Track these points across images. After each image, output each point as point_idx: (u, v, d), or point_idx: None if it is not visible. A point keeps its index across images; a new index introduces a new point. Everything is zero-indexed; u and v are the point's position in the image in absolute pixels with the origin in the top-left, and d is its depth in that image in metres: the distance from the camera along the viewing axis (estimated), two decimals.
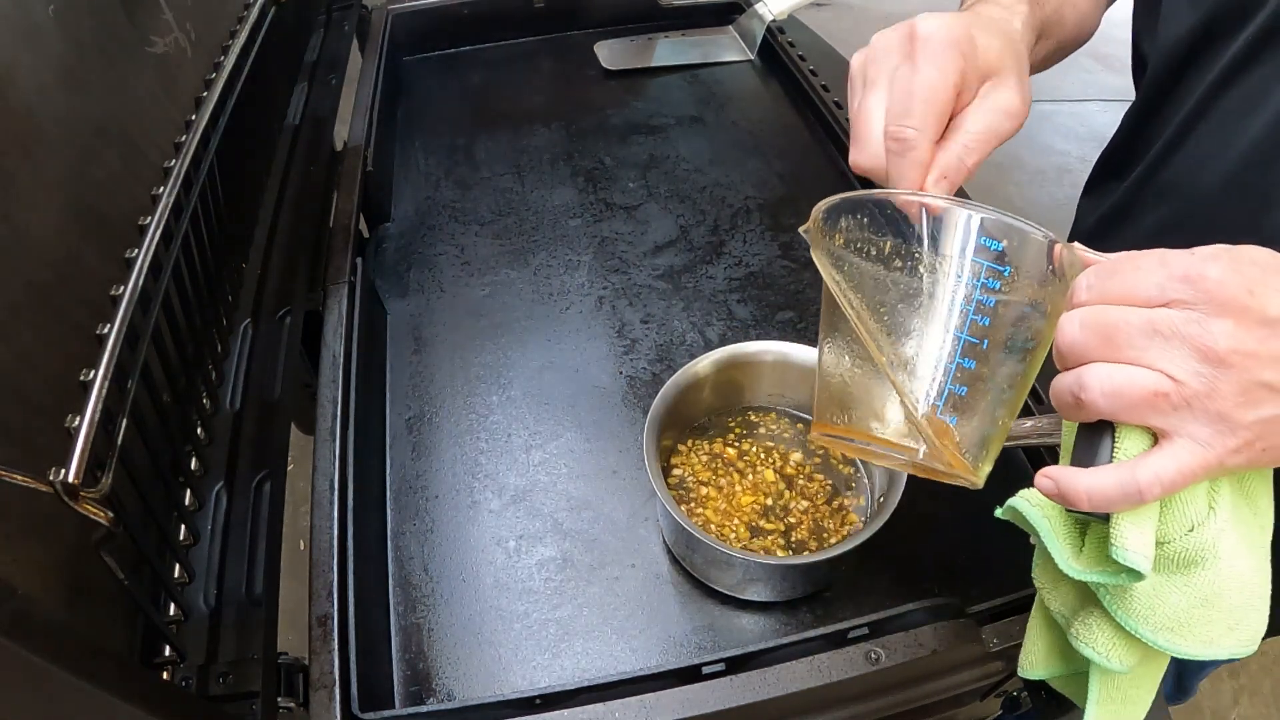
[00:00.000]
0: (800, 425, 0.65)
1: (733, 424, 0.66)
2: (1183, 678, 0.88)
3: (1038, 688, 0.58)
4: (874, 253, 0.40)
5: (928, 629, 0.49)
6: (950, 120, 0.41)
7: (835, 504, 0.61)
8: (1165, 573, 0.35)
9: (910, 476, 0.54)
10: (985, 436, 0.40)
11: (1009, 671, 0.55)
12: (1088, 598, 0.38)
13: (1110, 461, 0.33)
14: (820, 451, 0.64)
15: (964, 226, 0.38)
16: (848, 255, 0.41)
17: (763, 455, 0.64)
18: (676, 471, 0.62)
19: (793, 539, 0.59)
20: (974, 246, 0.38)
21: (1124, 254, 0.34)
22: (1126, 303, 0.32)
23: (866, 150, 0.41)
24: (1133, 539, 0.33)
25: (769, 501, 0.61)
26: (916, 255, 0.39)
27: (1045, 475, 0.35)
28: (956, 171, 0.40)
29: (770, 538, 0.59)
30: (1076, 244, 0.37)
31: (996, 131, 0.41)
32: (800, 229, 0.42)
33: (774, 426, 0.65)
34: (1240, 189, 0.51)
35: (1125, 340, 0.32)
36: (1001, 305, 0.38)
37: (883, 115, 0.41)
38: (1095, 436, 0.34)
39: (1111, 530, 0.33)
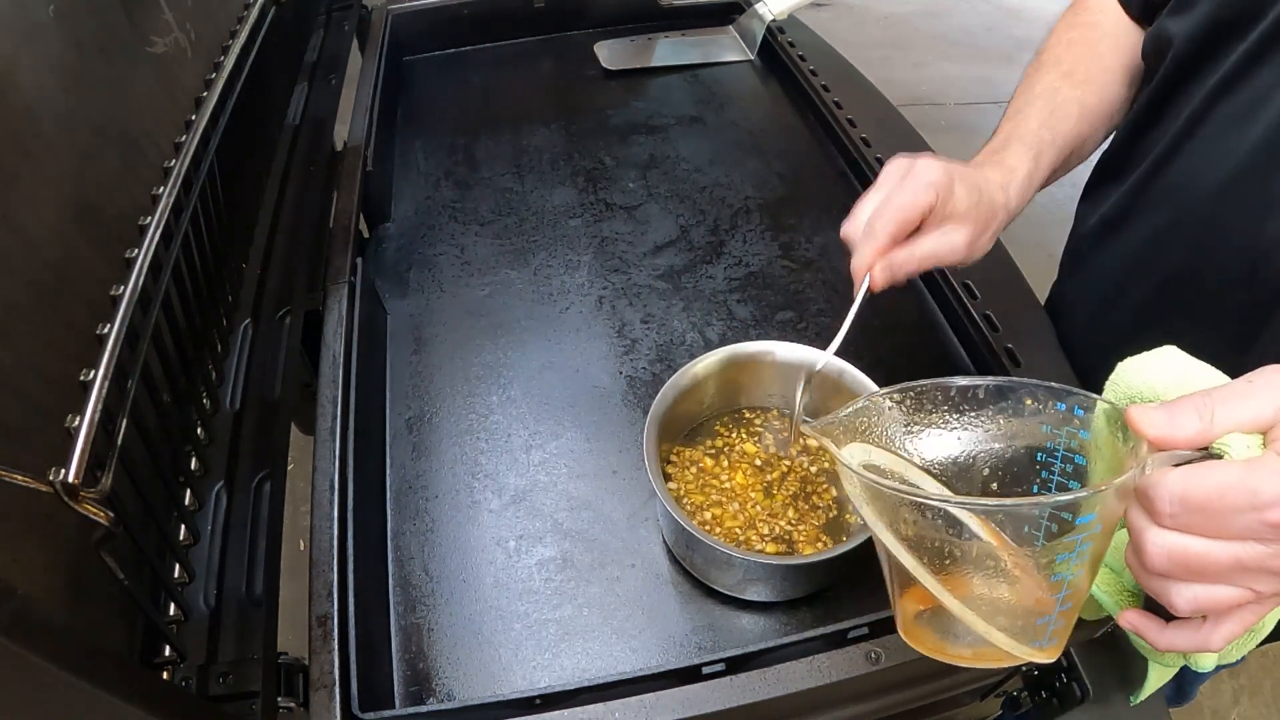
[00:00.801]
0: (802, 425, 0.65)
1: (720, 428, 0.66)
2: (1183, 684, 0.88)
3: (1037, 687, 0.59)
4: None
5: None
6: (910, 236, 0.52)
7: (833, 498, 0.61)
8: None
9: None
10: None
11: (1009, 671, 0.55)
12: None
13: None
14: (821, 455, 0.64)
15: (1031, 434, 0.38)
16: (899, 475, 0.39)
17: (743, 434, 0.65)
18: (672, 485, 0.62)
19: (789, 484, 0.62)
20: (1054, 490, 0.38)
21: (1210, 484, 0.31)
22: (1214, 537, 0.32)
23: (852, 223, 0.53)
24: (1206, 661, 0.40)
25: (758, 463, 0.63)
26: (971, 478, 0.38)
27: (1128, 621, 0.40)
28: (897, 268, 0.51)
29: (781, 488, 0.61)
30: (1133, 411, 0.34)
31: (937, 256, 0.52)
32: (812, 433, 0.41)
33: (774, 425, 0.65)
34: (1240, 194, 0.51)
35: (1213, 576, 0.33)
36: (1093, 521, 0.34)
37: (871, 208, 0.52)
38: None
39: (1189, 655, 0.40)
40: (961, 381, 0.39)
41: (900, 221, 0.50)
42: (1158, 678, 0.48)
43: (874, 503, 0.36)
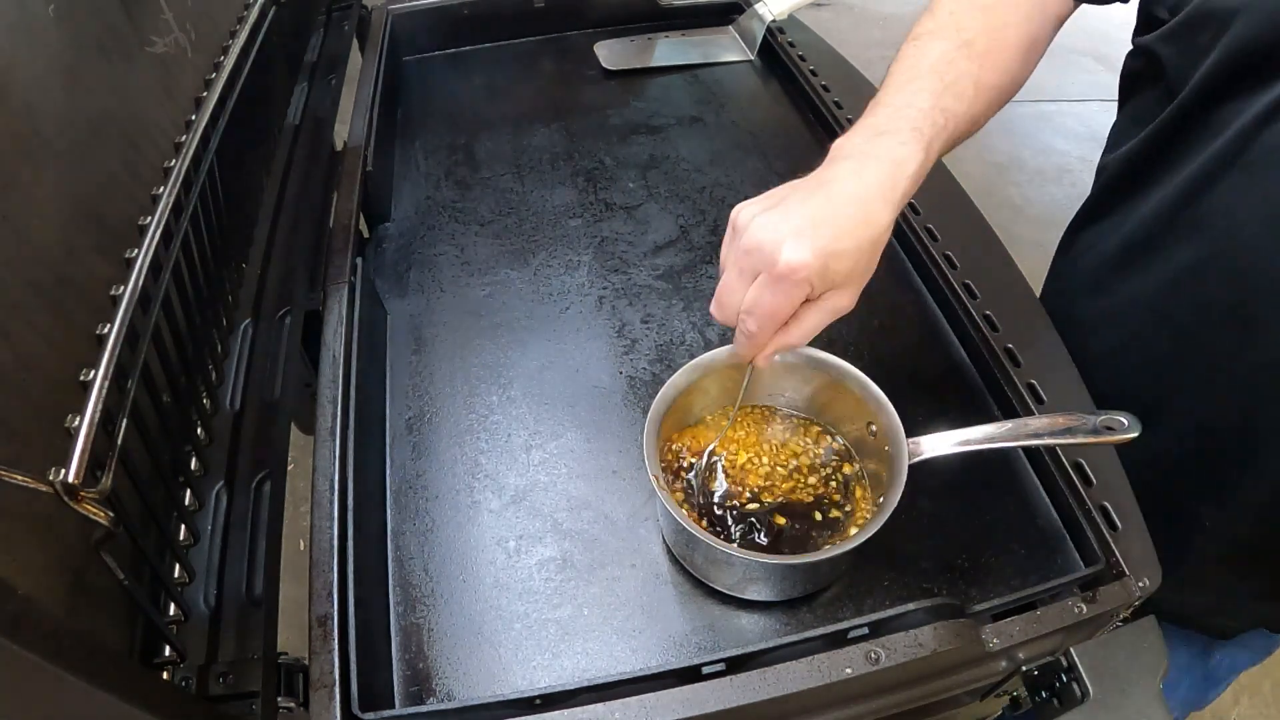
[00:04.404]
0: (801, 423, 0.65)
1: (720, 427, 0.65)
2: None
3: (1037, 687, 0.59)
4: None
5: (928, 629, 0.49)
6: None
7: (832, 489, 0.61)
8: None
9: (910, 476, 0.54)
10: None
11: (1009, 671, 0.55)
12: None
13: None
14: (817, 453, 0.64)
15: None
16: None
17: (743, 433, 0.65)
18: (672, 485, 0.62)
19: (790, 483, 0.62)
20: None
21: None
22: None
23: (722, 311, 0.53)
24: None
25: (759, 462, 0.63)
26: None
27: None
28: (783, 350, 0.53)
29: (781, 487, 0.61)
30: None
31: (823, 325, 0.52)
32: None
33: (774, 424, 0.65)
34: None
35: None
36: None
37: (738, 300, 0.51)
38: None
39: None
40: None
41: (776, 321, 0.51)
42: None
43: None
